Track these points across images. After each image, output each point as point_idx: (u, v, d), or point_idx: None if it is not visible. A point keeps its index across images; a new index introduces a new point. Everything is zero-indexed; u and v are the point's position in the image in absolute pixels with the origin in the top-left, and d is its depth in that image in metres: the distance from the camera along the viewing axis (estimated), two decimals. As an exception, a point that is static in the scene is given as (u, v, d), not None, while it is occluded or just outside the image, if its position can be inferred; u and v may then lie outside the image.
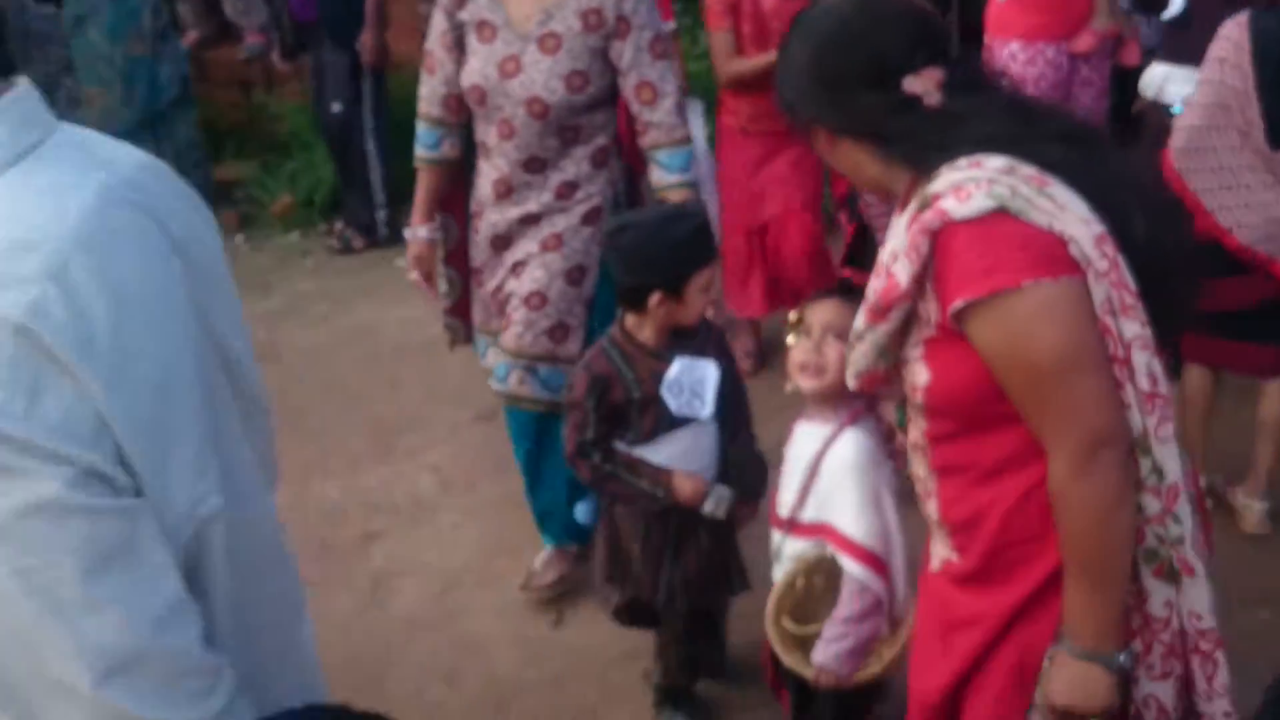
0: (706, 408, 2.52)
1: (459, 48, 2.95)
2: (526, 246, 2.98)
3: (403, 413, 4.43)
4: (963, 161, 1.55)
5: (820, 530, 2.28)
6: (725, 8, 3.99)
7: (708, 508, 2.55)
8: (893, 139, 1.63)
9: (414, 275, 3.20)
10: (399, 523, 3.80)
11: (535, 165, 2.92)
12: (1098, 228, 1.51)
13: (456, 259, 3.22)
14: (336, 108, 5.65)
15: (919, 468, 1.73)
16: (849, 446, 2.23)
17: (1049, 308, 1.48)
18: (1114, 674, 1.58)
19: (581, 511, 3.30)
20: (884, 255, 1.62)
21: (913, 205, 1.58)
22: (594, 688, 3.04)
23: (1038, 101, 1.82)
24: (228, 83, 6.81)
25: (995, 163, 1.53)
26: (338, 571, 3.60)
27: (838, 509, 2.24)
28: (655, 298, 2.45)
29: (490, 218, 3.01)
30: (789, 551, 2.33)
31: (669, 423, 2.54)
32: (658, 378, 2.51)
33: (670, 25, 4.46)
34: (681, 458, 2.55)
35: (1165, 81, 3.88)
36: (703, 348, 2.56)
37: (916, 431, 1.70)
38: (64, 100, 7.18)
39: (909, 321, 1.62)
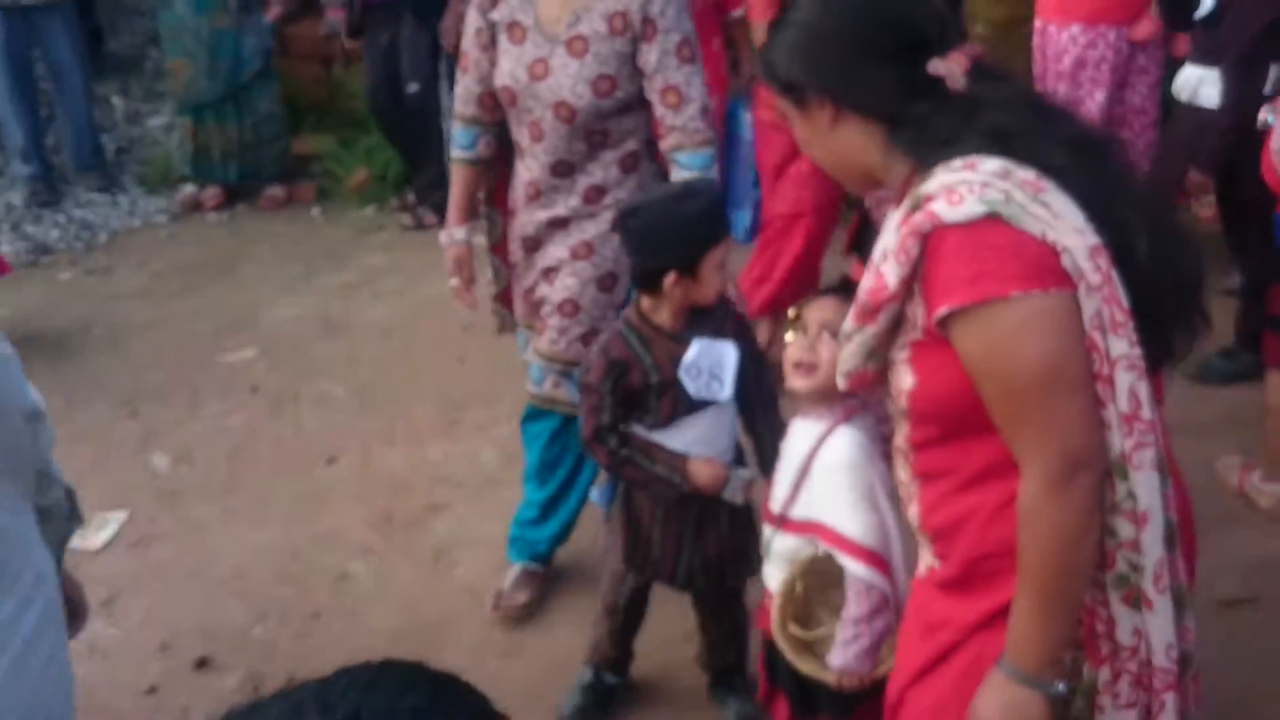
0: (726, 390, 2.47)
1: (493, 47, 2.88)
2: (556, 253, 2.93)
3: (469, 388, 4.44)
4: (957, 162, 1.49)
5: (811, 528, 2.22)
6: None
7: (728, 493, 2.52)
8: (905, 123, 1.56)
9: (454, 282, 3.05)
10: (462, 496, 3.81)
11: (563, 169, 2.86)
12: (1093, 239, 1.45)
13: (502, 249, 3.15)
14: (414, 87, 5.64)
15: (902, 472, 1.69)
16: (842, 443, 2.17)
17: (1036, 320, 1.42)
18: (1050, 703, 1.52)
19: (597, 495, 3.26)
20: (876, 253, 1.56)
21: (905, 204, 1.52)
22: (653, 665, 3.02)
23: (1053, 100, 1.73)
24: (309, 58, 6.83)
25: (990, 166, 1.47)
26: (400, 541, 3.61)
27: (831, 507, 2.18)
28: (670, 278, 2.41)
29: (521, 218, 2.97)
30: (778, 548, 2.28)
31: (687, 406, 2.50)
32: (676, 361, 2.47)
33: (739, 11, 4.45)
34: (700, 442, 2.51)
35: (1200, 84, 3.79)
36: (721, 327, 2.50)
37: (900, 436, 1.66)
38: (150, 72, 7.34)
39: (898, 323, 1.56)
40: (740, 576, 2.69)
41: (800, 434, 2.27)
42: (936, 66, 1.53)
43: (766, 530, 2.32)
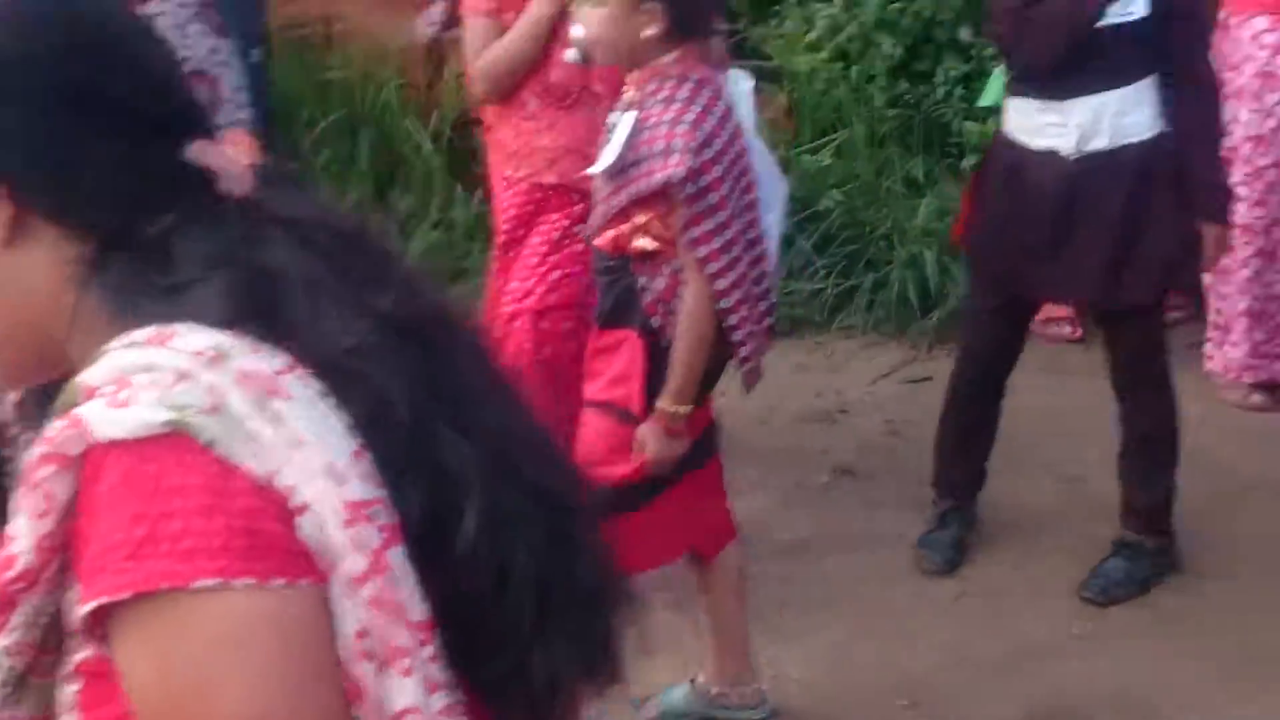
0: None
1: None
2: None
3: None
4: (145, 332, 0.98)
5: None
6: None
7: None
8: (123, 248, 1.02)
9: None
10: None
11: None
12: (360, 490, 0.95)
13: None
14: (254, 55, 4.53)
15: None
16: None
17: (243, 639, 0.92)
18: None
19: None
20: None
21: (60, 402, 1.01)
22: None
23: (384, 243, 1.15)
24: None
25: (196, 341, 0.97)
26: None
27: None
28: None
29: None
30: None
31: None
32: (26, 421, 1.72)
33: None
34: None
35: None
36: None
37: None
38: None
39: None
40: None
41: None
42: (203, 152, 1.05)
43: None
